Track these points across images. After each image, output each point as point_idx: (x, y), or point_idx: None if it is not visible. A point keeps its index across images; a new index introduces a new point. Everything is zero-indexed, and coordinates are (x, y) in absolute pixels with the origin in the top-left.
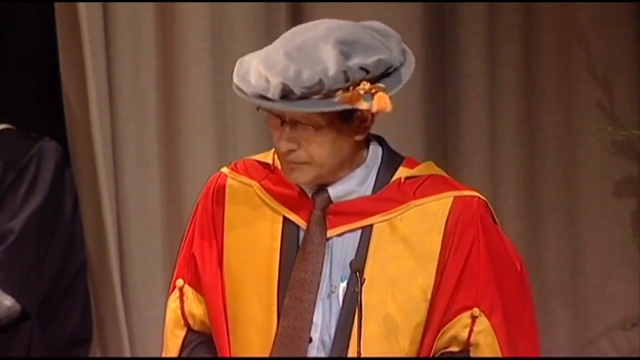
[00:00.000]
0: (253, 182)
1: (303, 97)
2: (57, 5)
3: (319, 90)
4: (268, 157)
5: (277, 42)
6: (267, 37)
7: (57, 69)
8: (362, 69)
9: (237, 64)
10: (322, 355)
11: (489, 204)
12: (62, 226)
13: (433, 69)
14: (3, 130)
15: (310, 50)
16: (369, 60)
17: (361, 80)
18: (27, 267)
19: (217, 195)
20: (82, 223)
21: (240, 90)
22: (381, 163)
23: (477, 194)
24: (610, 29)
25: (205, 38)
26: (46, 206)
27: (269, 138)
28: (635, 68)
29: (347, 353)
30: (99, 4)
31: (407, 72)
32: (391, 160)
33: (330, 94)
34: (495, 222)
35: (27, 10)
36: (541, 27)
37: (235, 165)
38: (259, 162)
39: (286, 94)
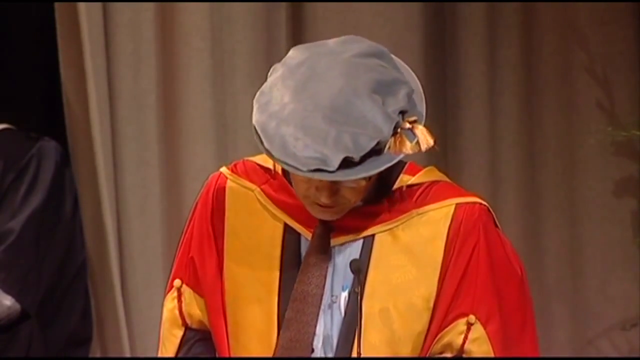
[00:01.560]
0: (253, 187)
1: (361, 160)
2: (57, 5)
3: (376, 150)
4: (269, 161)
5: (296, 100)
6: (267, 37)
7: (57, 69)
8: (400, 112)
9: (260, 131)
10: None
11: (490, 209)
12: (62, 226)
13: (433, 69)
14: (3, 130)
15: (349, 109)
16: (400, 100)
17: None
18: (27, 267)
19: (217, 198)
20: (82, 223)
21: (289, 165)
22: (383, 171)
23: (478, 199)
24: (610, 29)
25: (205, 38)
26: (46, 206)
27: None
28: (635, 68)
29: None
30: (99, 4)
31: (418, 91)
32: (392, 168)
33: (383, 148)
34: (496, 226)
35: (27, 10)
36: (541, 27)
37: (235, 166)
38: (259, 165)
39: (344, 163)
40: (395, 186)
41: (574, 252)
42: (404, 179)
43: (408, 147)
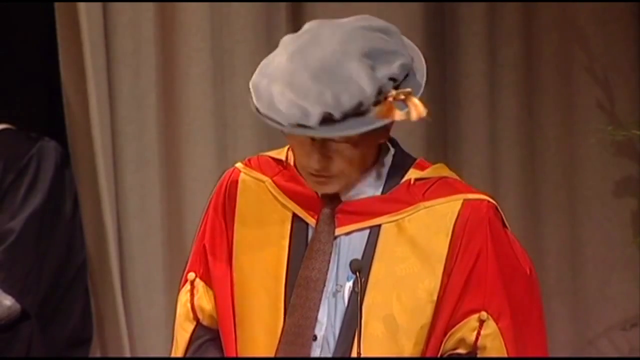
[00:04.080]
0: (265, 178)
1: (342, 119)
2: (57, 5)
3: (359, 111)
4: (282, 153)
5: (290, 61)
6: (267, 37)
7: (57, 69)
8: (390, 79)
9: (252, 89)
10: (327, 353)
11: (499, 208)
12: (62, 226)
13: (433, 69)
14: (3, 130)
15: (336, 69)
16: (394, 68)
17: (389, 89)
18: (27, 267)
19: (230, 190)
20: (82, 223)
21: (273, 120)
22: (392, 164)
23: (486, 197)
24: (610, 29)
25: (205, 38)
26: (46, 206)
27: (269, 138)
28: (635, 68)
29: (350, 352)
30: (99, 4)
31: (421, 67)
32: (402, 161)
33: (367, 110)
34: (505, 225)
35: (27, 10)
36: (541, 27)
37: (249, 160)
38: (272, 158)
39: (326, 120)
40: (404, 179)
41: (574, 252)
42: (413, 173)
43: (396, 115)
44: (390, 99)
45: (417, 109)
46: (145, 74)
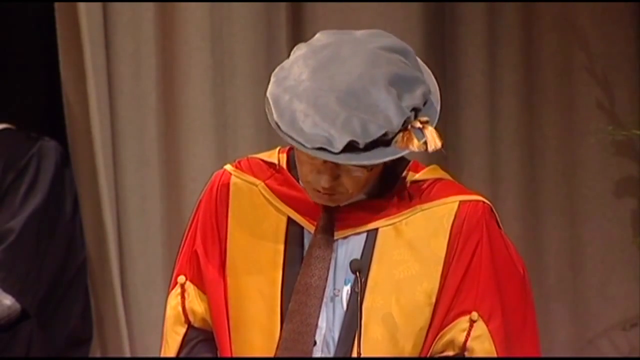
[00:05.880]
0: (257, 181)
1: (365, 148)
2: (57, 5)
3: (382, 141)
4: (273, 156)
5: (313, 79)
6: (267, 37)
7: (57, 69)
8: (413, 109)
9: (272, 103)
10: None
11: (494, 209)
12: (62, 226)
13: (433, 69)
14: (3, 130)
15: (363, 95)
16: (416, 97)
17: (412, 119)
18: (27, 267)
19: (221, 193)
20: (82, 223)
21: (295, 140)
22: (387, 167)
23: (482, 198)
24: (610, 29)
25: (205, 38)
26: (46, 206)
27: (269, 138)
28: (635, 68)
29: (351, 355)
30: (99, 4)
31: (435, 93)
32: (396, 164)
33: (390, 140)
34: (499, 226)
35: (27, 10)
36: (541, 27)
37: (239, 163)
38: (263, 161)
39: (349, 147)
40: (400, 182)
41: (574, 251)
42: (409, 175)
43: (415, 145)
44: (409, 127)
45: (434, 140)
46: (145, 74)
